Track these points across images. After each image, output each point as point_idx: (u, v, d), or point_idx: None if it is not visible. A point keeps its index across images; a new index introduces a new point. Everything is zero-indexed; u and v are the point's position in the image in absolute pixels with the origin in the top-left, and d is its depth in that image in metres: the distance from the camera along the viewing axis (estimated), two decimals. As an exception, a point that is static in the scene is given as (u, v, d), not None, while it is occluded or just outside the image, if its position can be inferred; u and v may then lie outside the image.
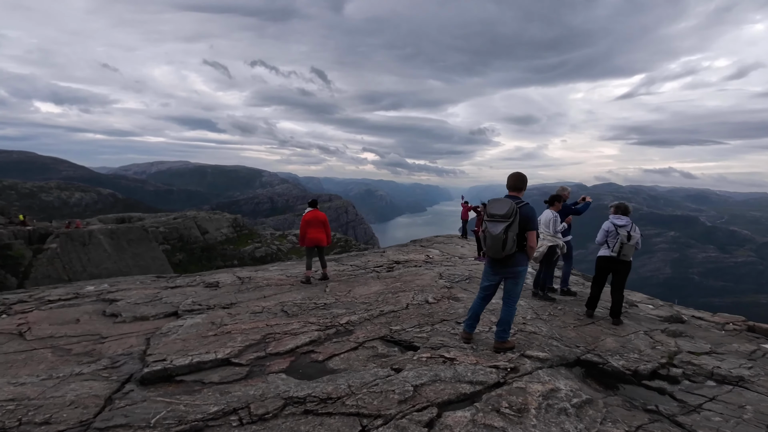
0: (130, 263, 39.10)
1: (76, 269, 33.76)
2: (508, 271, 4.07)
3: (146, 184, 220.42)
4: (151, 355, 4.09)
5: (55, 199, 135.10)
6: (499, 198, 4.18)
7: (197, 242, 71.81)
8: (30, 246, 31.83)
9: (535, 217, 4.01)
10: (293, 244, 75.94)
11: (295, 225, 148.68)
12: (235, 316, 5.60)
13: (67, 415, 2.90)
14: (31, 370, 4.12)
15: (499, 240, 3.94)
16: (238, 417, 2.82)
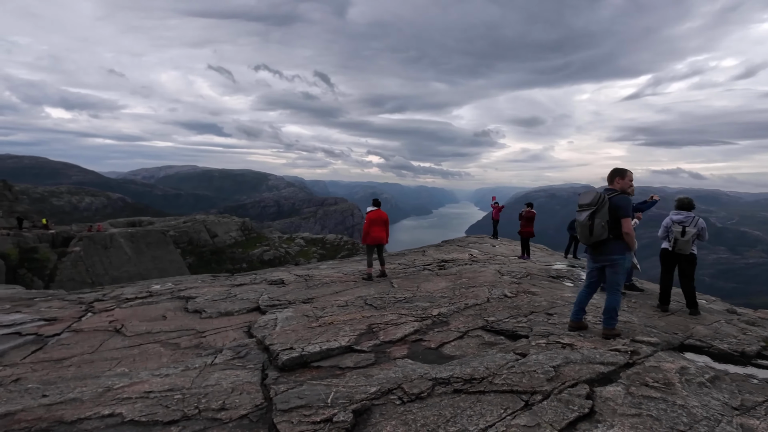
0: (150, 266, 39.64)
1: (99, 272, 34.31)
2: (605, 258, 4.32)
3: (155, 188, 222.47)
4: (274, 345, 4.37)
5: (66, 204, 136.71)
6: (588, 190, 4.48)
7: (207, 245, 72.41)
8: (54, 249, 32.43)
9: (627, 205, 4.23)
10: (301, 247, 76.36)
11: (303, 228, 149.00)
12: (324, 309, 5.88)
13: (239, 401, 3.15)
14: (157, 363, 4.39)
15: (585, 226, 4.29)
16: (397, 396, 3.08)
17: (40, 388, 3.66)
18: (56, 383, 3.81)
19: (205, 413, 2.99)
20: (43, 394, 3.46)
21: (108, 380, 3.78)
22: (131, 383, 3.65)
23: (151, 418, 2.96)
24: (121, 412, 3.08)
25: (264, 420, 2.88)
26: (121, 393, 3.44)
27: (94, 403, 3.27)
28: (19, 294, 9.04)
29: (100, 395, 3.42)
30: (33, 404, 3.23)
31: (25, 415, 3.07)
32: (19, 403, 3.28)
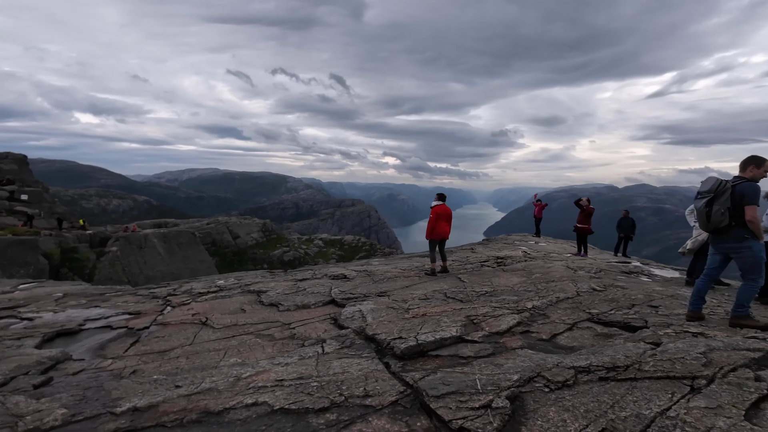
0: (181, 266, 40.55)
1: (134, 271, 35.29)
2: (727, 247, 4.19)
3: (178, 191, 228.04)
4: (379, 335, 4.36)
5: (95, 206, 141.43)
6: (709, 178, 4.36)
7: (229, 246, 73.63)
8: (93, 249, 33.51)
9: (752, 193, 4.05)
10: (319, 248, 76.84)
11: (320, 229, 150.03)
12: (406, 302, 5.86)
13: (380, 387, 3.12)
14: (264, 353, 4.42)
15: (702, 213, 4.30)
16: (542, 384, 3.01)
17: (166, 378, 3.72)
18: (178, 374, 3.87)
19: (352, 400, 2.98)
20: (175, 384, 3.51)
21: (230, 370, 3.82)
22: (256, 372, 3.69)
23: (300, 406, 2.96)
24: (265, 400, 3.09)
25: (417, 406, 2.85)
26: (252, 382, 3.47)
27: (231, 392, 3.30)
28: (88, 289, 9.34)
29: (233, 384, 3.45)
30: (172, 395, 3.28)
31: (169, 406, 3.11)
32: (157, 394, 3.32)
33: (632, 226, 13.96)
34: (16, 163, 40.97)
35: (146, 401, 3.17)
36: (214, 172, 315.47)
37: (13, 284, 10.04)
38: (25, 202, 34.24)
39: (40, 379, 3.77)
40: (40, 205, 36.31)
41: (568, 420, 2.54)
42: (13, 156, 41.72)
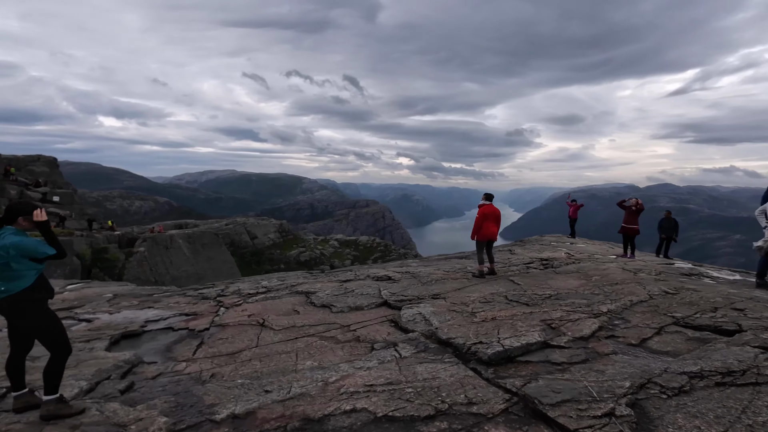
0: (205, 266, 41.21)
1: (161, 271, 36.00)
2: None
3: (198, 192, 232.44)
4: (455, 339, 4.25)
5: (118, 207, 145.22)
6: None
7: (247, 247, 74.49)
8: (121, 249, 34.29)
9: None
10: (335, 248, 77.00)
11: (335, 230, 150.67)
12: (466, 304, 5.73)
13: (482, 395, 3.02)
14: (336, 356, 4.34)
15: None
16: (657, 390, 2.87)
17: (252, 383, 3.68)
18: (260, 378, 3.83)
19: (456, 407, 2.89)
20: (264, 389, 3.47)
21: (313, 374, 3.76)
22: (342, 377, 3.62)
23: (405, 413, 2.87)
24: (364, 406, 3.02)
25: (530, 413, 2.74)
26: (342, 387, 3.40)
27: (324, 398, 3.24)
28: (136, 290, 9.49)
29: (322, 389, 3.39)
30: (266, 401, 3.23)
31: (266, 412, 3.06)
32: (250, 400, 3.28)
33: (675, 226, 13.50)
34: (47, 165, 42.30)
35: (243, 408, 3.12)
36: (232, 174, 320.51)
37: (61, 284, 10.28)
38: (56, 203, 35.28)
39: (123, 384, 3.78)
40: (70, 206, 37.38)
41: (702, 426, 2.41)
42: (45, 159, 43.08)
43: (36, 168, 40.27)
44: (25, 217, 2.95)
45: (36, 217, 2.96)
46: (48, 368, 2.97)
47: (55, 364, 2.97)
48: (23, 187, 35.07)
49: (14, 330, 3.00)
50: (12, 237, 2.83)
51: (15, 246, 2.79)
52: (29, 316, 2.92)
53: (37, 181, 37.57)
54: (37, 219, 2.97)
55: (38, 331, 2.95)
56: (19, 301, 2.86)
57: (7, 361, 3.05)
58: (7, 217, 2.94)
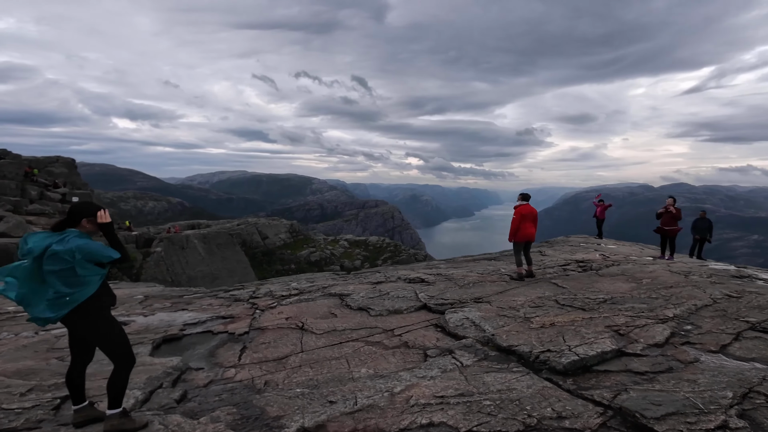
0: (220, 266, 41.45)
1: (177, 271, 36.29)
2: None
3: (209, 193, 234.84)
4: (518, 346, 4.04)
5: (132, 208, 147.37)
6: None
7: (258, 247, 74.73)
8: (139, 249, 34.65)
9: None
10: (345, 249, 76.87)
11: (345, 230, 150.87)
12: (515, 309, 5.52)
13: (571, 408, 2.83)
14: (390, 363, 4.15)
15: None
16: (762, 400, 2.66)
17: (311, 392, 3.51)
18: (318, 386, 3.66)
19: (547, 422, 2.69)
20: (328, 400, 3.29)
21: (374, 383, 3.58)
22: (407, 387, 3.43)
23: (490, 429, 2.68)
24: (442, 420, 2.83)
25: (633, 428, 2.53)
26: (410, 398, 3.21)
27: (395, 410, 3.06)
28: (166, 291, 9.42)
29: (390, 401, 3.21)
30: (333, 413, 3.06)
31: (337, 426, 2.89)
32: (316, 411, 3.11)
33: (709, 227, 13.07)
34: (65, 166, 42.94)
35: (311, 420, 2.95)
36: (243, 175, 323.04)
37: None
38: (76, 204, 35.85)
39: (177, 393, 3.64)
40: (89, 207, 37.95)
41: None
42: (63, 160, 43.74)
43: (55, 169, 40.90)
44: (88, 219, 2.79)
45: (100, 219, 2.81)
46: (112, 380, 2.81)
47: (118, 376, 2.81)
48: (43, 188, 35.63)
49: (77, 339, 2.86)
50: (77, 240, 2.68)
51: (81, 249, 2.63)
52: (94, 324, 2.76)
53: (55, 182, 38.17)
54: (101, 221, 2.81)
55: (103, 340, 2.80)
56: (84, 309, 2.72)
57: (68, 372, 2.90)
58: (69, 219, 2.78)
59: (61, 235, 2.70)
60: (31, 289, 2.71)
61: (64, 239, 2.67)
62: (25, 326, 6.71)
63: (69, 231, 2.74)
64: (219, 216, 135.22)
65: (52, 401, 3.31)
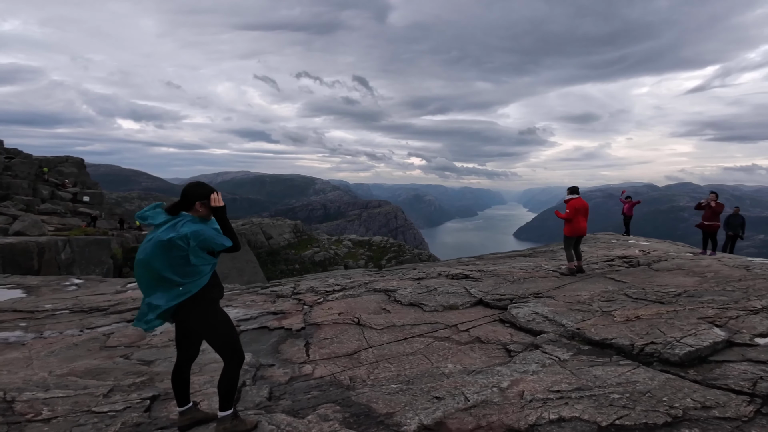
0: (230, 265, 41.32)
1: (187, 271, 36.24)
2: None
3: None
4: (614, 339, 3.85)
5: (137, 208, 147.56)
6: None
7: (263, 247, 74.68)
8: (150, 249, 34.56)
9: None
10: (348, 248, 76.64)
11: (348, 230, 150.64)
12: (584, 303, 5.34)
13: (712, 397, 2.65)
14: (471, 358, 3.98)
15: None
16: None
17: (408, 388, 3.31)
18: (409, 382, 3.47)
19: (693, 413, 2.53)
20: (433, 396, 3.10)
21: (474, 378, 3.39)
22: (514, 381, 3.23)
23: (634, 421, 2.50)
24: (574, 415, 2.65)
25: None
26: (524, 393, 3.01)
27: (513, 405, 2.86)
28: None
29: (503, 396, 3.01)
30: (447, 409, 2.87)
31: (457, 422, 2.71)
32: (427, 408, 2.92)
33: (742, 224, 12.84)
34: (75, 166, 42.96)
35: (429, 417, 2.76)
36: (246, 175, 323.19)
37: (122, 283, 10.13)
38: (87, 203, 35.73)
39: (265, 392, 3.45)
40: (100, 206, 37.84)
41: None
42: (73, 159, 43.76)
43: (65, 168, 40.90)
44: (202, 203, 2.57)
45: (213, 202, 2.61)
46: (223, 379, 2.56)
47: (230, 374, 2.57)
48: (54, 188, 35.62)
49: (185, 335, 2.65)
50: (191, 225, 2.45)
51: (196, 235, 2.41)
52: (205, 318, 2.54)
53: (65, 182, 38.14)
54: (214, 204, 2.61)
55: (214, 334, 2.57)
56: (195, 301, 2.50)
57: (174, 371, 2.68)
58: (183, 202, 2.57)
59: (173, 220, 2.51)
60: None
61: (177, 224, 2.47)
62: (68, 324, 6.56)
63: (183, 215, 2.54)
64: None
65: (141, 402, 3.13)
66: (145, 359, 4.36)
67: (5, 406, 3.03)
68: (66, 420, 2.82)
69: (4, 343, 5.68)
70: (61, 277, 10.79)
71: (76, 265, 18.74)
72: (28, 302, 8.15)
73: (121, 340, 5.48)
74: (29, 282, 9.97)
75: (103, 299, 8.22)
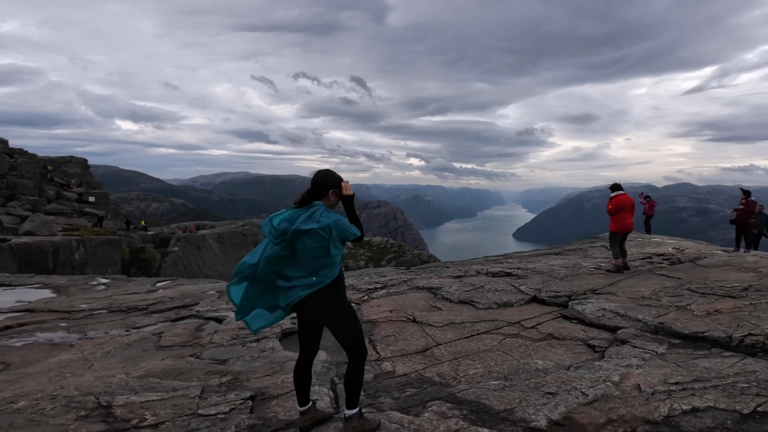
0: (234, 265, 41.23)
1: (194, 270, 36.00)
2: None
3: (212, 194, 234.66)
4: (704, 333, 3.76)
5: (135, 209, 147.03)
6: None
7: None
8: (157, 249, 34.39)
9: None
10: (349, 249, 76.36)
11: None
12: (654, 298, 5.25)
13: None
14: (558, 355, 3.88)
15: None
16: None
17: (512, 384, 3.19)
18: (508, 378, 3.35)
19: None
20: (545, 392, 2.99)
21: (579, 373, 3.27)
22: (623, 376, 3.13)
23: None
24: (709, 405, 2.59)
25: None
26: (642, 386, 2.91)
27: (637, 399, 2.76)
28: (232, 285, 9.11)
29: (621, 390, 2.90)
30: (570, 404, 2.76)
31: (584, 417, 2.61)
32: (546, 404, 2.81)
33: (766, 222, 12.77)
34: (79, 166, 42.73)
35: (554, 413, 2.66)
36: (245, 176, 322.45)
37: (151, 282, 10.00)
38: (92, 203, 35.53)
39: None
40: (105, 206, 37.65)
41: None
42: (77, 160, 43.53)
43: (69, 169, 40.68)
44: (334, 191, 2.46)
45: (345, 191, 2.50)
46: (350, 375, 2.43)
47: (357, 370, 2.43)
48: (59, 188, 35.39)
49: (311, 328, 2.54)
50: (331, 215, 2.35)
51: (337, 225, 2.31)
52: (337, 311, 2.42)
53: (71, 181, 37.91)
54: (345, 192, 2.50)
55: (343, 328, 2.44)
56: (326, 293, 2.38)
57: (297, 368, 2.55)
58: (316, 190, 2.42)
59: (308, 211, 2.39)
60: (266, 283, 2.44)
61: (313, 215, 2.35)
62: (110, 324, 6.43)
63: (317, 204, 2.41)
64: (222, 217, 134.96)
65: (244, 402, 3.00)
66: (217, 358, 4.23)
67: (104, 411, 2.89)
68: (175, 424, 2.69)
69: (51, 344, 5.55)
70: (87, 277, 10.65)
71: (89, 265, 18.57)
72: (61, 302, 8.02)
73: (174, 340, 5.36)
74: (56, 282, 9.83)
75: (138, 298, 8.09)
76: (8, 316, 6.97)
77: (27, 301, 8.15)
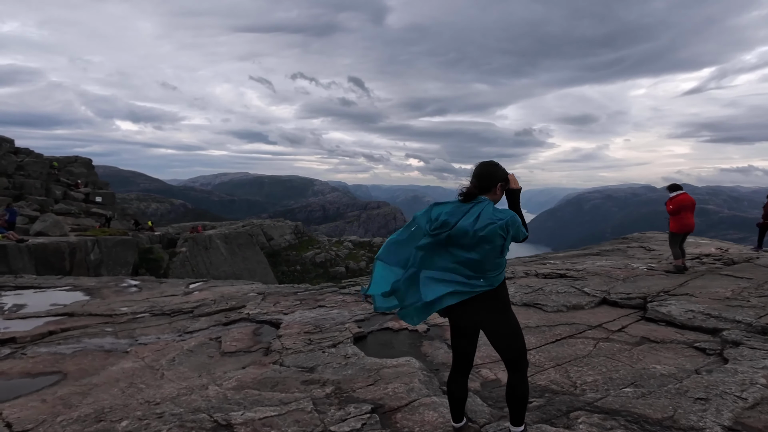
0: (241, 266, 40.86)
1: (201, 271, 35.66)
2: None
3: (212, 194, 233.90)
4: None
5: (135, 210, 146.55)
6: None
7: (264, 248, 73.85)
8: (165, 250, 34.07)
9: None
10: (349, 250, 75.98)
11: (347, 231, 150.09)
12: (743, 299, 5.04)
13: None
14: (669, 359, 3.68)
15: None
16: None
17: (650, 392, 2.99)
18: (638, 384, 3.13)
19: None
20: (695, 397, 2.78)
21: (711, 376, 3.06)
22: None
23: None
24: None
25: None
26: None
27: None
28: (271, 289, 8.82)
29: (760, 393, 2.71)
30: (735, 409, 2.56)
31: (755, 422, 2.41)
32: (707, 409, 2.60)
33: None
34: (84, 166, 42.34)
35: (722, 419, 2.47)
36: (245, 176, 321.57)
37: (184, 283, 9.74)
38: (99, 204, 35.15)
39: (477, 400, 3.11)
40: (112, 206, 37.27)
41: None
42: (81, 159, 43.12)
43: (74, 169, 40.28)
44: (501, 184, 2.21)
45: (513, 183, 2.27)
46: (515, 389, 2.19)
47: (524, 382, 2.19)
48: (66, 188, 35.02)
49: (470, 336, 2.27)
50: (505, 212, 2.09)
51: (514, 223, 2.04)
52: (504, 316, 2.17)
53: (78, 181, 37.54)
54: (514, 186, 2.27)
55: (509, 335, 2.17)
56: (494, 300, 2.13)
57: (451, 380, 2.32)
58: (484, 184, 2.16)
59: (474, 206, 2.12)
60: None
61: (482, 212, 2.08)
62: (157, 328, 6.16)
63: (485, 201, 2.13)
64: (222, 217, 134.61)
65: (371, 416, 2.76)
66: (303, 365, 3.98)
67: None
68: (312, 444, 2.46)
69: (103, 351, 5.26)
70: (117, 278, 10.38)
71: (103, 266, 18.26)
72: (98, 305, 7.74)
73: (237, 345, 5.11)
74: (85, 284, 9.55)
75: (177, 301, 7.82)
76: (48, 320, 6.70)
77: (62, 305, 7.87)
